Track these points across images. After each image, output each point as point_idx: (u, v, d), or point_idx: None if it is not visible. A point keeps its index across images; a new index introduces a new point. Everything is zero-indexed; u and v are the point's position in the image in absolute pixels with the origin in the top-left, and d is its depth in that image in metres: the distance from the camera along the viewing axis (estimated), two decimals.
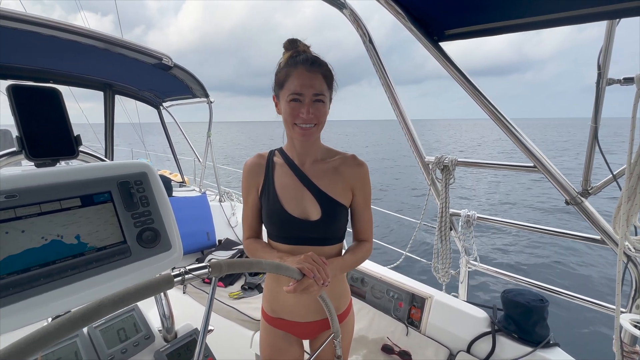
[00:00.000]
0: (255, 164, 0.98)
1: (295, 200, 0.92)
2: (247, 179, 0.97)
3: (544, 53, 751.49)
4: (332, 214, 0.91)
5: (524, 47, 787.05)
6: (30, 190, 0.58)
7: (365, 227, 1.00)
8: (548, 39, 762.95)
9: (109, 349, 0.80)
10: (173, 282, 0.46)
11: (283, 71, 0.85)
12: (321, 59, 0.86)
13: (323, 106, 0.86)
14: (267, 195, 0.94)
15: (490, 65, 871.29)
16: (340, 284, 1.02)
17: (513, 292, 1.51)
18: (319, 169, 0.95)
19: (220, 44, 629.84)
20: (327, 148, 1.00)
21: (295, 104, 0.83)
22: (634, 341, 1.23)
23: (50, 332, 0.34)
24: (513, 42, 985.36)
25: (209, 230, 2.59)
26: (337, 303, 1.01)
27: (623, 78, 1.05)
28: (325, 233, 0.93)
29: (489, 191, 11.79)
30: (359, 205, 0.98)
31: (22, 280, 0.54)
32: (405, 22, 1.21)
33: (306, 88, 0.82)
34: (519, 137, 1.31)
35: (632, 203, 1.05)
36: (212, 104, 2.80)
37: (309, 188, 0.92)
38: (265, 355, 1.05)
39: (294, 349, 1.05)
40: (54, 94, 0.68)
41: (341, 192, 0.93)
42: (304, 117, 0.83)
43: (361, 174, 0.96)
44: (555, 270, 5.31)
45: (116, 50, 1.61)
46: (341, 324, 1.03)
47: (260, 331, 1.09)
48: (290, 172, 0.95)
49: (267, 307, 1.04)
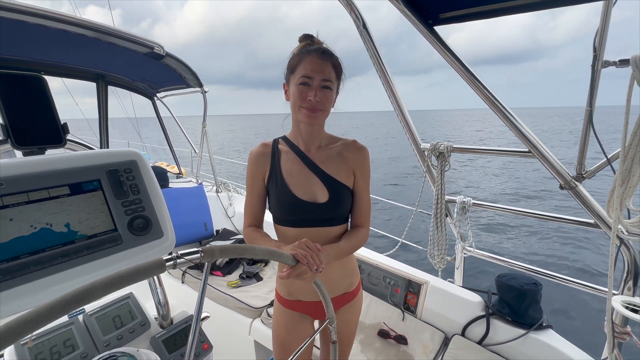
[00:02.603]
0: (260, 152, 1.01)
1: (303, 185, 0.96)
2: (253, 167, 1.00)
3: (558, 38, 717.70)
4: (339, 195, 0.96)
5: (537, 33, 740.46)
6: (17, 179, 0.58)
7: (363, 212, 1.03)
8: (563, 23, 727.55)
9: (104, 335, 0.81)
10: (165, 267, 0.46)
11: (296, 57, 0.91)
12: (332, 51, 0.93)
13: (330, 93, 0.91)
14: (275, 181, 0.97)
15: (501, 53, 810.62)
16: (350, 262, 1.07)
17: (507, 277, 1.53)
18: (324, 154, 1.00)
19: (226, 37, 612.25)
20: (330, 135, 1.05)
21: (304, 87, 0.88)
22: (625, 322, 1.25)
23: (41, 314, 0.33)
24: (526, 27, 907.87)
25: (207, 220, 2.60)
26: (349, 280, 1.07)
27: (619, 60, 1.03)
28: (332, 214, 0.97)
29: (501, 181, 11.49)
30: (359, 187, 1.02)
31: (12, 268, 0.54)
32: (399, 5, 1.18)
33: (316, 72, 0.87)
34: (514, 122, 1.30)
35: (625, 186, 1.05)
36: (206, 94, 2.77)
37: (315, 173, 0.97)
38: (280, 336, 1.08)
39: (307, 328, 1.09)
40: (38, 81, 0.67)
41: (345, 175, 0.99)
42: (311, 99, 0.87)
43: (362, 157, 1.01)
44: (549, 254, 5.38)
45: (106, 39, 1.58)
46: (353, 301, 1.10)
47: (274, 313, 1.12)
48: (296, 158, 0.99)
49: (282, 291, 1.08)
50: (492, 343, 1.48)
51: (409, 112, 1.66)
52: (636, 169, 1.03)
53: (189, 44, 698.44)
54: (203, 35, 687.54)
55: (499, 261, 1.76)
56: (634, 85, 0.96)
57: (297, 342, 1.05)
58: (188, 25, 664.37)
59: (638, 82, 0.95)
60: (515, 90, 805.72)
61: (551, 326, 1.44)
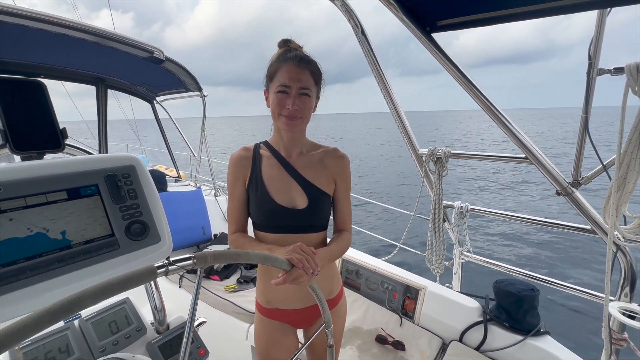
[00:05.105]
0: (241, 156, 1.00)
1: (282, 191, 0.95)
2: (234, 171, 1.00)
3: (571, 38, 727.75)
4: (318, 202, 0.96)
5: (550, 32, 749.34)
6: (15, 184, 0.58)
7: (345, 218, 1.05)
8: (577, 23, 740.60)
9: (100, 341, 0.81)
10: (156, 274, 0.46)
11: (274, 65, 0.91)
12: (310, 57, 0.92)
13: (308, 100, 0.90)
14: (255, 186, 0.97)
15: (510, 53, 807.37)
16: (330, 267, 1.07)
17: (505, 282, 1.53)
18: (305, 160, 1.00)
19: (236, 38, 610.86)
20: (312, 142, 1.05)
21: (282, 95, 0.88)
22: (622, 328, 1.25)
23: (28, 325, 0.33)
24: (539, 27, 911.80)
25: (205, 224, 2.59)
26: (330, 285, 1.06)
27: (613, 68, 1.04)
28: (310, 221, 0.97)
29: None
30: (340, 195, 1.03)
31: (7, 273, 0.54)
32: (397, 12, 1.20)
33: (293, 81, 0.87)
34: (511, 128, 1.31)
35: (621, 193, 1.06)
36: (205, 98, 2.78)
37: (295, 179, 0.97)
38: (261, 347, 1.06)
39: (289, 338, 1.06)
40: (37, 86, 0.68)
41: (325, 183, 0.99)
42: (289, 107, 0.87)
43: (343, 165, 1.02)
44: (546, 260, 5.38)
45: (106, 44, 1.58)
46: (336, 307, 1.07)
47: (255, 324, 1.09)
48: (277, 163, 0.99)
49: (261, 299, 1.06)
50: (489, 349, 1.47)
51: (418, 113, 1.67)
52: (631, 175, 1.03)
53: (199, 46, 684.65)
54: (213, 38, 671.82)
55: (496, 267, 1.77)
56: (629, 92, 0.97)
57: (280, 353, 1.03)
58: (198, 27, 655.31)
59: (632, 90, 0.96)
60: (526, 91, 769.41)
61: (549, 332, 1.44)
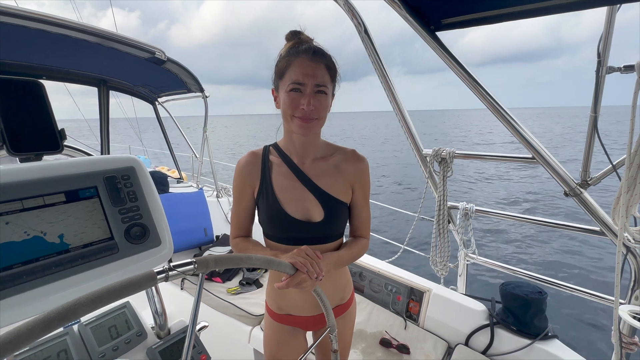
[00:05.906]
0: (249, 163, 0.91)
1: (296, 202, 0.87)
2: (241, 180, 0.92)
3: (580, 35, 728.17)
4: (335, 213, 0.89)
5: (559, 30, 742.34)
6: (11, 186, 0.56)
7: (363, 224, 0.97)
8: (587, 20, 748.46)
9: (100, 346, 0.79)
10: (156, 279, 0.44)
11: (284, 60, 0.80)
12: (325, 50, 0.81)
13: (325, 99, 0.80)
14: (266, 197, 0.89)
15: (517, 51, 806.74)
16: (343, 275, 1.02)
17: (511, 285, 1.50)
18: (320, 167, 0.91)
19: (241, 36, 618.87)
20: (326, 143, 0.96)
21: (296, 94, 0.78)
22: (633, 332, 1.22)
23: (21, 334, 0.32)
24: (549, 25, 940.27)
25: (207, 226, 2.58)
26: (341, 294, 1.02)
27: (623, 66, 1.02)
28: (326, 232, 0.90)
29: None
30: (358, 202, 0.94)
31: (4, 278, 0.52)
32: (401, 11, 1.18)
33: (308, 77, 0.76)
34: (518, 129, 1.28)
35: (631, 194, 1.03)
36: (207, 99, 2.77)
37: (310, 189, 0.88)
38: (271, 350, 1.04)
39: (299, 341, 1.05)
40: (35, 87, 0.66)
41: (342, 190, 0.91)
42: (304, 108, 0.77)
43: (361, 170, 0.93)
44: (554, 262, 5.32)
45: (108, 45, 1.58)
46: (345, 313, 1.04)
47: (265, 327, 1.07)
48: (289, 172, 0.90)
49: (272, 305, 1.02)
50: (496, 353, 1.45)
51: (425, 111, 1.65)
52: None
53: (204, 44, 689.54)
54: (218, 36, 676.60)
55: (502, 269, 1.74)
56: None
57: (289, 356, 1.01)
58: (204, 25, 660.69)
59: None
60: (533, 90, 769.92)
61: (557, 336, 1.41)
